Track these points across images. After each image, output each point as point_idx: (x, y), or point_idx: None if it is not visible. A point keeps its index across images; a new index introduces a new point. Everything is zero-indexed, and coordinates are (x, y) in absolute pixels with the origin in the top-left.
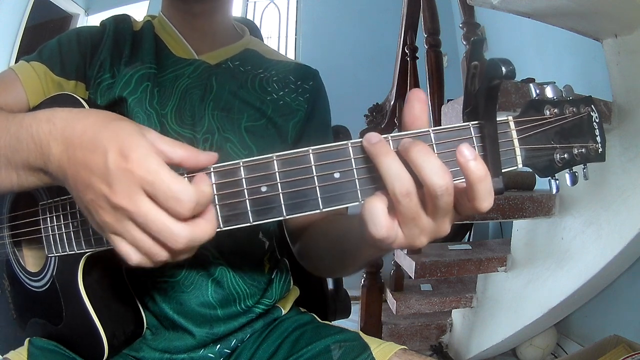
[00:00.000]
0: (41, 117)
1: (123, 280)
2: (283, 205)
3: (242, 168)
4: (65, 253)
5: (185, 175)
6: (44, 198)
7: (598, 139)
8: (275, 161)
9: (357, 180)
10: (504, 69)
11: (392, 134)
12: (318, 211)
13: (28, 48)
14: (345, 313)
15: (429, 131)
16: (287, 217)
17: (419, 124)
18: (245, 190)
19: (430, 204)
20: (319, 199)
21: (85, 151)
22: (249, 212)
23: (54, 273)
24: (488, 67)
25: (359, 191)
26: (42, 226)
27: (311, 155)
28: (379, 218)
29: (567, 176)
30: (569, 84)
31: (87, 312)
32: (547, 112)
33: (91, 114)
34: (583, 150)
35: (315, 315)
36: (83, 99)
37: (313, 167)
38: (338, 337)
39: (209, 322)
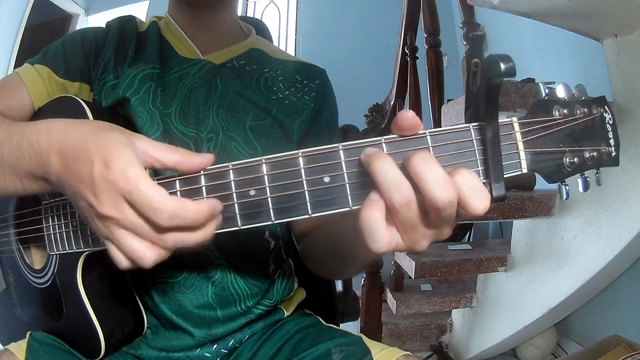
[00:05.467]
0: (41, 128)
1: (124, 280)
2: (271, 210)
3: (231, 171)
4: (65, 251)
5: (177, 178)
6: (47, 198)
7: (611, 141)
8: (264, 164)
9: (347, 184)
10: (502, 66)
11: (385, 137)
12: (307, 216)
13: (28, 48)
14: (354, 316)
15: (425, 133)
16: (276, 221)
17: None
18: (234, 194)
19: (432, 215)
20: (308, 203)
21: (76, 162)
22: (238, 216)
23: (55, 270)
24: (487, 64)
25: (349, 196)
26: (44, 225)
27: (300, 159)
28: (378, 233)
29: (580, 181)
30: (581, 84)
31: (85, 309)
32: (556, 113)
33: (84, 125)
34: (595, 153)
35: (320, 318)
36: (84, 100)
37: (302, 170)
38: (339, 340)
39: (207, 323)
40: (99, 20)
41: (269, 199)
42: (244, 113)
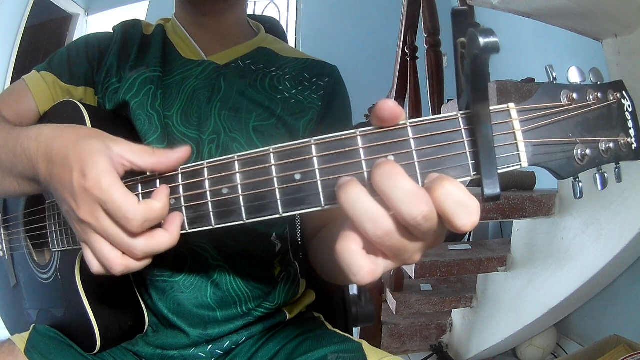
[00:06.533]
0: (32, 134)
1: (127, 278)
2: (243, 208)
3: (205, 169)
4: (65, 248)
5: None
6: (49, 197)
7: (631, 131)
8: (236, 162)
9: (319, 182)
10: (481, 41)
11: (360, 129)
12: (278, 216)
13: (28, 48)
14: (368, 320)
15: (406, 124)
16: (247, 221)
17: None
18: (208, 192)
19: (413, 231)
20: (279, 202)
21: (59, 168)
22: (211, 214)
23: (58, 266)
24: (468, 41)
25: (321, 194)
26: (47, 223)
27: (271, 155)
28: (355, 265)
29: (597, 177)
30: (596, 67)
31: (82, 305)
32: (564, 99)
33: (68, 132)
34: (611, 145)
35: (326, 322)
36: (83, 104)
37: (273, 167)
38: (338, 347)
39: (203, 323)
40: (99, 20)
41: (241, 197)
42: (247, 113)
